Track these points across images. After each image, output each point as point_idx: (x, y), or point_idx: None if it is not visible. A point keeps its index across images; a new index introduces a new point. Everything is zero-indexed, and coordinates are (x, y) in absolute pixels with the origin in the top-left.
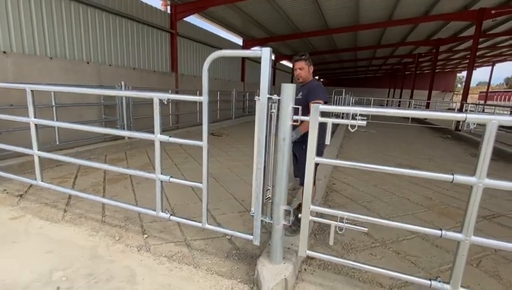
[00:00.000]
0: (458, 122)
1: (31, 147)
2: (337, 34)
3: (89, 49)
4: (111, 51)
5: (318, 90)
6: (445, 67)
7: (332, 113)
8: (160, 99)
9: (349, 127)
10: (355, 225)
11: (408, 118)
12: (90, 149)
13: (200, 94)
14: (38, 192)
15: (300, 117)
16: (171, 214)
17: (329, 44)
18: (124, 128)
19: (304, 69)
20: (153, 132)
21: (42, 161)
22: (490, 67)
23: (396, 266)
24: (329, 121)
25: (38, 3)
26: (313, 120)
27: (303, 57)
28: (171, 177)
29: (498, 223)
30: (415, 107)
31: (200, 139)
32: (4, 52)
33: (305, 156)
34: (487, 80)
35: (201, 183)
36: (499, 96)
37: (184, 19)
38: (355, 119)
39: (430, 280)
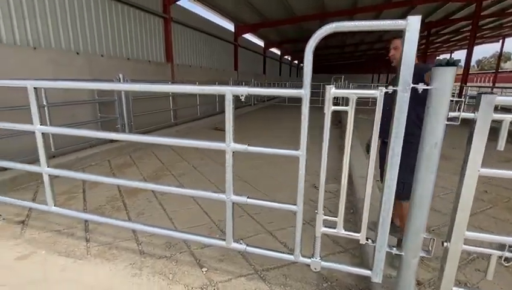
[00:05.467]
0: None
1: (15, 158)
2: (334, 17)
3: (78, 38)
4: (102, 39)
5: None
6: (427, 51)
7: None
8: (234, 95)
9: None
10: None
11: None
12: (90, 154)
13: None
14: (43, 215)
15: (463, 114)
16: (247, 245)
17: None
18: (124, 128)
19: (399, 50)
20: (155, 131)
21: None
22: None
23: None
24: (507, 117)
25: None
26: (484, 117)
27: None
28: (248, 197)
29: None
30: None
31: (203, 135)
32: None
33: (409, 160)
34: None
35: (294, 205)
36: (477, 78)
37: (177, 2)
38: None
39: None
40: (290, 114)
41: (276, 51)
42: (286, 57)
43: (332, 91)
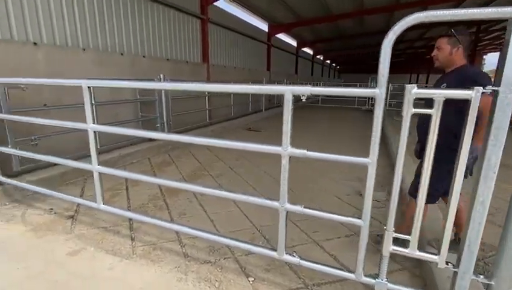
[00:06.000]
0: None
1: (65, 155)
2: (374, 14)
3: (122, 39)
4: (144, 40)
5: (480, 79)
6: (475, 49)
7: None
8: (294, 95)
9: None
10: None
11: None
12: (131, 152)
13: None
14: (90, 211)
15: None
16: (301, 258)
17: (360, 27)
18: (163, 127)
19: (443, 50)
20: (191, 130)
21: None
22: None
23: None
24: None
25: None
26: None
27: (449, 33)
28: (304, 207)
29: None
30: None
31: (238, 135)
32: (35, 43)
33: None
34: None
35: (359, 218)
36: None
37: (214, 3)
38: None
39: None
40: (322, 115)
41: (308, 50)
42: (318, 56)
43: (413, 91)
